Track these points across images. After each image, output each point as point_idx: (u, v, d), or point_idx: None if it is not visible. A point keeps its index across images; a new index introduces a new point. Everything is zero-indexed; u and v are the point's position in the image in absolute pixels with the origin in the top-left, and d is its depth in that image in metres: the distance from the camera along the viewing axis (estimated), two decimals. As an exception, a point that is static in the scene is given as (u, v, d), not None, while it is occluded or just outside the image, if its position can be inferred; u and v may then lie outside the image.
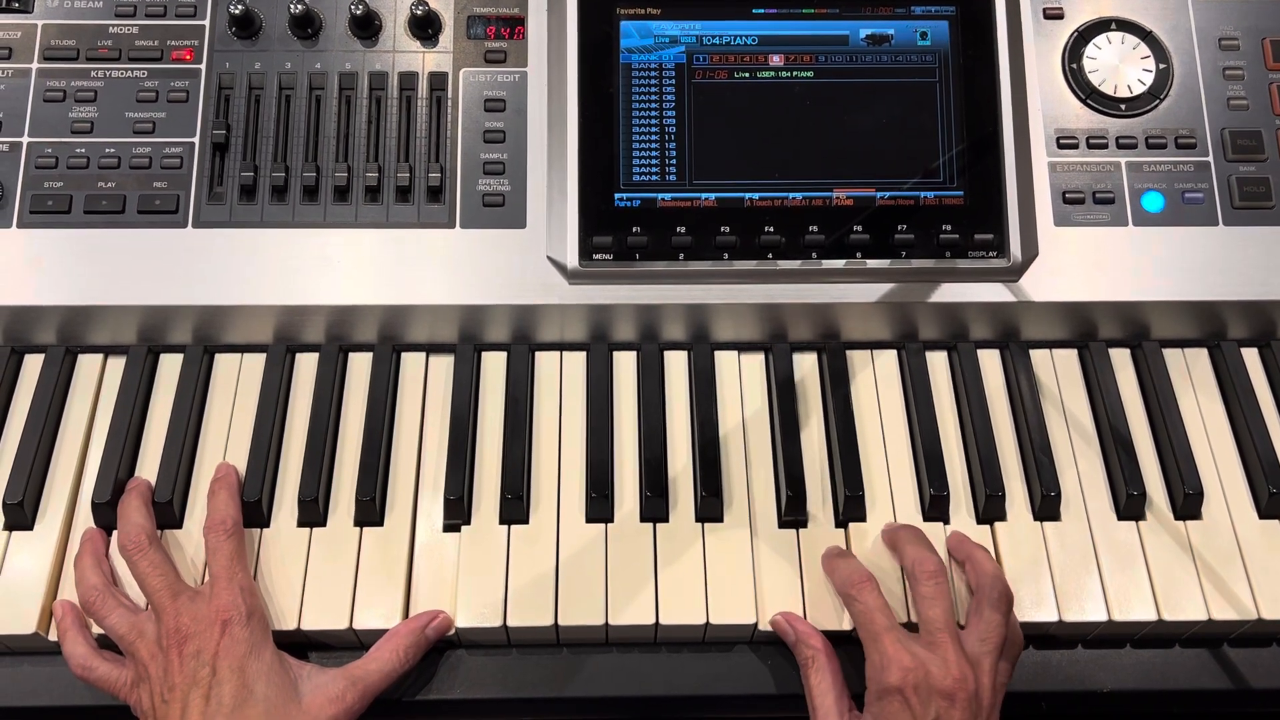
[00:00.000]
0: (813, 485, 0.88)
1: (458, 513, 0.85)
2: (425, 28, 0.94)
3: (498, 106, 0.93)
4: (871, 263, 0.90)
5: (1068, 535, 0.86)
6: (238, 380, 0.92)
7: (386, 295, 0.90)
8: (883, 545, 0.85)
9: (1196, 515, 0.88)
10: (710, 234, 0.90)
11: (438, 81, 0.94)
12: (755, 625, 0.82)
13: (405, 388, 0.92)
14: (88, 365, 0.93)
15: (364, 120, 0.93)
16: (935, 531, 0.86)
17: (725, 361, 0.94)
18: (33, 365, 0.92)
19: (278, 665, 0.77)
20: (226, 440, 0.89)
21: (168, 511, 0.85)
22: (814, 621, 0.81)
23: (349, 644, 0.83)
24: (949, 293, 0.91)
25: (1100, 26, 0.96)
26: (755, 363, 0.95)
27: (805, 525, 0.86)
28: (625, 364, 0.94)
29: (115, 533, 0.84)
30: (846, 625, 0.81)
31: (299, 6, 0.92)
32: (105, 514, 0.85)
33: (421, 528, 0.86)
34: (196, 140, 0.92)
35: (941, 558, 0.81)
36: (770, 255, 0.90)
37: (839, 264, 0.90)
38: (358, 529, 0.85)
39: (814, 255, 0.90)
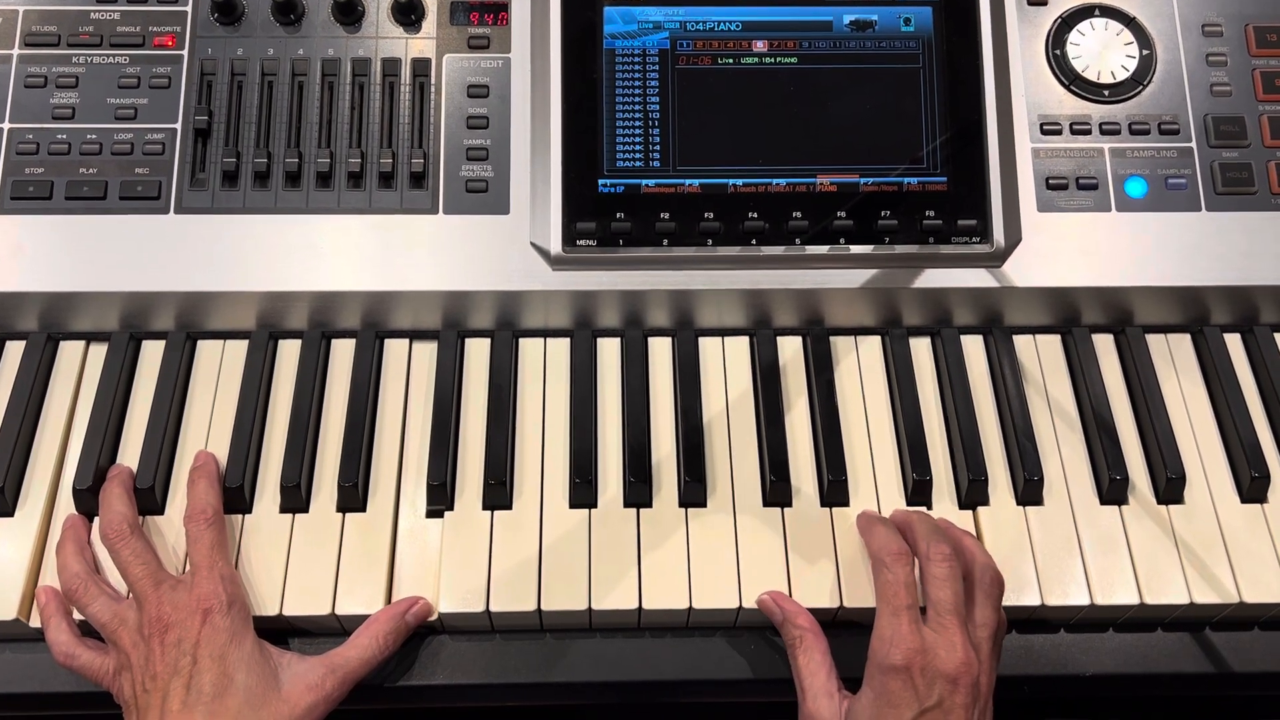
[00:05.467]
0: (796, 470, 0.88)
1: (441, 498, 0.85)
2: (408, 13, 0.94)
3: (481, 92, 0.93)
4: (855, 248, 0.90)
5: (1050, 519, 0.86)
6: (220, 366, 0.92)
7: (370, 281, 0.89)
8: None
9: (1179, 499, 0.88)
10: (694, 220, 0.90)
11: (421, 67, 0.93)
12: (738, 609, 0.82)
13: (389, 374, 0.92)
14: (69, 352, 0.92)
15: (347, 106, 0.92)
16: (918, 516, 0.86)
17: (709, 347, 0.94)
18: (14, 351, 0.91)
19: (258, 654, 0.77)
20: (209, 426, 0.89)
21: (149, 498, 0.85)
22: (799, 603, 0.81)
23: (331, 630, 0.83)
24: (932, 278, 0.91)
25: (1084, 13, 0.96)
26: (739, 348, 0.95)
27: (789, 510, 0.86)
28: (609, 350, 0.94)
29: (97, 520, 0.84)
30: (831, 604, 0.81)
31: (281, -8, 0.92)
32: (86, 500, 0.84)
33: (404, 513, 0.86)
34: (179, 126, 0.91)
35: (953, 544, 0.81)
36: (754, 241, 0.90)
37: (823, 250, 0.90)
38: (340, 515, 0.85)
39: (798, 241, 0.90)
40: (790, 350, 0.94)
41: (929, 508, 0.87)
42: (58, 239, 0.89)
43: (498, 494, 0.85)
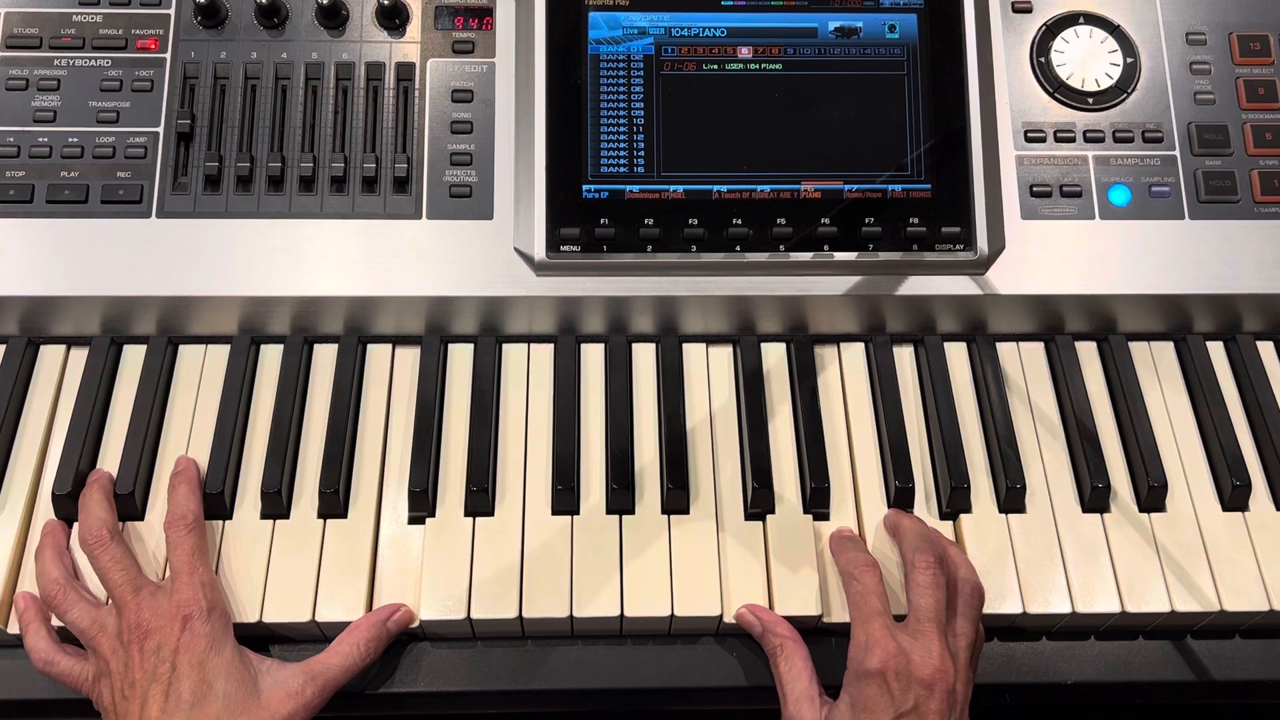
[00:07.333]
0: (779, 477, 0.88)
1: (422, 505, 0.85)
2: (393, 17, 0.93)
3: (465, 97, 0.93)
4: (839, 255, 0.90)
5: (1032, 527, 0.86)
6: (201, 371, 0.91)
7: (352, 286, 0.89)
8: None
9: (1161, 508, 0.88)
10: (678, 226, 0.89)
11: (405, 72, 0.93)
12: (720, 617, 0.82)
13: (371, 380, 0.92)
14: (50, 356, 0.92)
15: (330, 110, 0.92)
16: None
17: (693, 354, 0.94)
18: (-7, 356, 0.91)
19: (238, 661, 0.77)
20: (190, 432, 0.89)
21: (129, 503, 0.84)
22: (780, 612, 0.81)
23: (312, 637, 0.82)
24: (916, 285, 0.91)
25: (1068, 20, 0.96)
26: (723, 355, 0.95)
27: (771, 517, 0.86)
28: (593, 356, 0.94)
29: (76, 525, 0.83)
30: (814, 611, 0.81)
31: (264, -5, 0.91)
32: (66, 506, 0.84)
33: (386, 520, 0.85)
34: (161, 130, 0.91)
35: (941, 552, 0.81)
36: (738, 248, 0.89)
37: (806, 256, 0.90)
38: (321, 521, 0.85)
39: (782, 248, 0.90)
40: (774, 357, 0.94)
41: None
42: (38, 242, 0.88)
43: (480, 500, 0.85)
